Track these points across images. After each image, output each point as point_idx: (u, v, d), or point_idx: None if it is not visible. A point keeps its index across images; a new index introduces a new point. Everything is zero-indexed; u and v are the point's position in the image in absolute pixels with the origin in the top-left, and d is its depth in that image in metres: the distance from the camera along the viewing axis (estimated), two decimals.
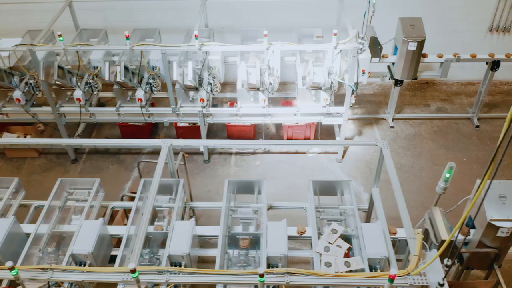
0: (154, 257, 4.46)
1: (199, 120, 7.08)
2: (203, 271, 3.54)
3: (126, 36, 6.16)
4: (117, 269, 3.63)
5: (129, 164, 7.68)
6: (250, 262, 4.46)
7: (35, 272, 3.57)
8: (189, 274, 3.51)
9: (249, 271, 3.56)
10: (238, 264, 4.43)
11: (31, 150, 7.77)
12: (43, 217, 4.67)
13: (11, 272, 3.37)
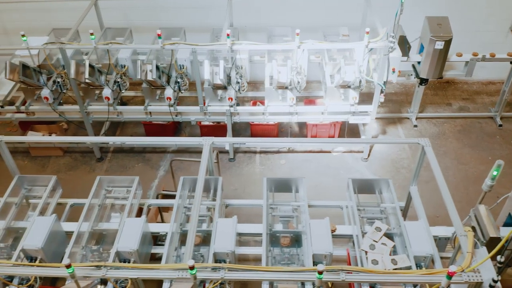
0: (198, 254, 4.47)
1: (226, 119, 7.08)
2: (256, 267, 3.55)
3: (158, 35, 6.17)
4: (173, 265, 3.63)
5: (155, 163, 7.69)
6: (293, 259, 4.47)
7: (89, 269, 3.58)
8: (244, 271, 3.51)
9: (307, 268, 3.56)
10: (282, 262, 4.45)
11: (56, 149, 7.78)
12: (84, 215, 4.67)
13: (68, 270, 3.38)
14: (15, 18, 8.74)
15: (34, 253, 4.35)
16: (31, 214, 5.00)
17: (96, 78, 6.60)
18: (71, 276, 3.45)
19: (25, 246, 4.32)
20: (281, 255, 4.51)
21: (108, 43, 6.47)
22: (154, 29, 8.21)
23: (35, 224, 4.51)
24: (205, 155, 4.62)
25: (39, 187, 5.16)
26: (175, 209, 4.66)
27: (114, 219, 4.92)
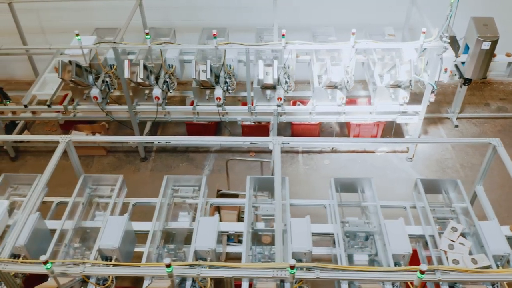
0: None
1: (273, 118, 7.09)
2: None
3: (214, 35, 6.17)
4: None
5: (199, 162, 7.70)
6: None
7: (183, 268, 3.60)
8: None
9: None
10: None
11: (99, 149, 7.79)
12: (157, 215, 4.68)
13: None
14: (52, 17, 8.76)
15: (110, 253, 4.36)
16: (97, 214, 5.01)
17: (147, 78, 6.61)
18: (169, 276, 3.46)
19: (101, 246, 4.33)
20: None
21: (161, 43, 6.47)
22: (194, 29, 8.31)
23: (109, 224, 4.52)
24: (277, 154, 4.63)
25: (104, 186, 5.17)
26: (247, 209, 4.66)
27: (182, 218, 4.93)
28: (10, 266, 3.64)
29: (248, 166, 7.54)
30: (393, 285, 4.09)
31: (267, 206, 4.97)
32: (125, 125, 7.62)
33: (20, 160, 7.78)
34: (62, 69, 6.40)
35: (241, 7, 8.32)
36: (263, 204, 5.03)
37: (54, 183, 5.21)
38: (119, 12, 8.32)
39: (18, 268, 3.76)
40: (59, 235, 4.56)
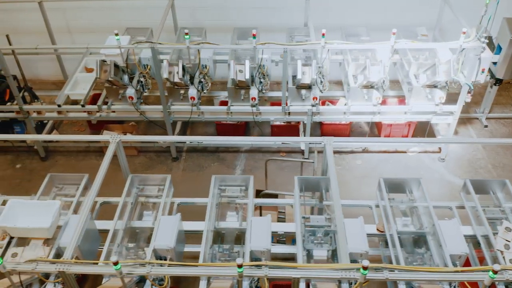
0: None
1: (306, 118, 7.09)
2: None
3: (253, 35, 6.18)
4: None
5: (230, 162, 7.70)
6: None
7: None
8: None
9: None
10: None
11: (131, 149, 7.78)
12: (209, 214, 4.68)
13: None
14: (77, 17, 8.75)
15: (165, 253, 4.36)
16: (146, 214, 5.00)
17: (184, 78, 6.61)
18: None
19: (157, 246, 4.33)
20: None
21: (199, 43, 6.46)
22: (222, 29, 8.33)
23: (162, 224, 4.52)
24: (329, 154, 4.63)
25: (151, 186, 5.17)
26: (297, 209, 4.66)
27: (230, 218, 4.92)
28: (74, 267, 3.63)
29: (278, 166, 7.54)
30: (450, 285, 4.09)
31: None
32: (158, 125, 7.61)
33: (50, 160, 7.77)
34: (100, 69, 6.39)
35: (269, 7, 8.32)
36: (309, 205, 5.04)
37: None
38: (144, 12, 8.43)
39: (82, 269, 3.75)
40: (112, 235, 4.54)
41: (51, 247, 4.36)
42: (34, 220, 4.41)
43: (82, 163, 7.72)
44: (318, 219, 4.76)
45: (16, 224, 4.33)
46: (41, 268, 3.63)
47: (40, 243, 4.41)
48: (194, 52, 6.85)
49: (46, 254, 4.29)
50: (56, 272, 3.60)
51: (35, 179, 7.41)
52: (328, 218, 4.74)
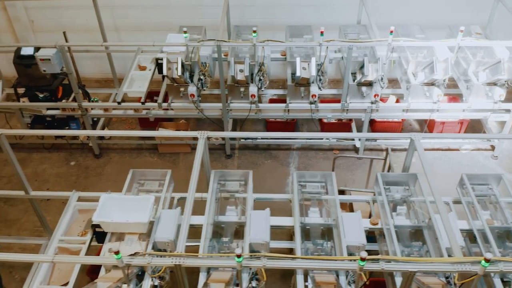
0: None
1: (364, 116, 7.13)
2: None
3: (321, 32, 6.22)
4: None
5: (283, 160, 7.73)
6: None
7: None
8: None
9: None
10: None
11: (185, 146, 7.83)
12: (296, 210, 4.71)
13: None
14: (127, 15, 8.79)
15: (260, 247, 4.40)
16: (229, 209, 5.03)
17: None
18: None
19: (252, 240, 4.37)
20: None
21: (265, 41, 6.50)
22: (272, 27, 8.36)
23: (253, 219, 4.57)
24: (420, 150, 4.67)
25: (232, 181, 5.21)
26: (386, 205, 4.69)
27: (312, 214, 4.95)
28: (189, 260, 3.67)
29: (331, 164, 7.57)
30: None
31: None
32: (215, 122, 7.65)
33: (104, 157, 7.81)
34: (166, 67, 6.44)
35: (319, 5, 8.35)
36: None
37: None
38: (193, 10, 8.48)
39: (197, 262, 3.80)
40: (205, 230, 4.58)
41: (147, 242, 4.40)
42: (128, 215, 4.45)
43: (137, 160, 7.76)
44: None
45: (113, 219, 4.36)
46: (156, 262, 3.67)
47: (135, 238, 4.45)
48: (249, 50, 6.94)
49: (143, 248, 4.32)
50: (172, 265, 3.62)
51: (91, 176, 7.46)
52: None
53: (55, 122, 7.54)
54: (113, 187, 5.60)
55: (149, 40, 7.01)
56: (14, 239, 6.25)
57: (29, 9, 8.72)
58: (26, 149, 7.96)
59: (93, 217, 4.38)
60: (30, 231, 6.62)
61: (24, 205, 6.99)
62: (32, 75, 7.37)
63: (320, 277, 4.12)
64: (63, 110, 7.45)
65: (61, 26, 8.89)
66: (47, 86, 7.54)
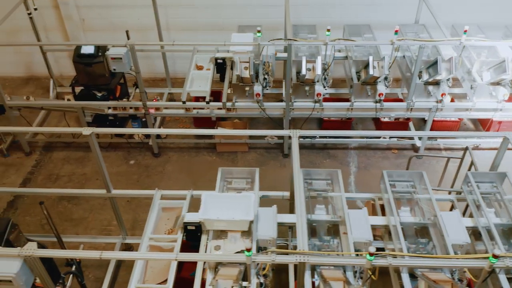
0: None
1: (428, 115, 7.13)
2: None
3: (396, 31, 6.22)
4: None
5: (342, 159, 7.73)
6: None
7: None
8: None
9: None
10: None
11: (242, 145, 7.83)
12: (394, 210, 4.71)
13: None
14: (179, 15, 8.79)
15: (363, 246, 4.41)
16: (318, 207, 5.03)
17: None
18: None
19: (355, 239, 4.37)
20: None
21: (336, 39, 6.51)
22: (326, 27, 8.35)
23: (352, 217, 4.57)
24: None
25: (317, 180, 5.20)
26: (483, 203, 4.68)
27: (403, 213, 4.94)
28: (314, 258, 3.66)
29: (392, 164, 7.60)
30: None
31: None
32: (276, 121, 7.65)
33: (163, 156, 7.81)
34: (240, 66, 6.46)
35: (376, 4, 8.35)
36: None
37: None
38: (245, 9, 8.49)
39: (324, 260, 3.80)
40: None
41: (250, 240, 4.39)
42: (229, 213, 4.44)
43: (196, 159, 7.76)
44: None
45: (219, 216, 4.36)
46: (280, 259, 3.66)
47: (238, 235, 4.44)
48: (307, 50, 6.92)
49: (249, 246, 4.31)
50: (296, 263, 3.62)
51: (153, 175, 7.46)
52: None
53: (117, 121, 7.53)
54: (176, 186, 5.65)
55: (199, 40, 6.99)
56: (87, 238, 6.24)
57: (81, 7, 8.72)
58: (83, 148, 7.97)
59: (199, 214, 4.37)
60: (98, 230, 6.61)
61: (88, 204, 7.00)
62: (91, 74, 7.38)
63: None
64: (123, 109, 7.45)
65: (111, 25, 8.93)
66: (105, 85, 7.55)
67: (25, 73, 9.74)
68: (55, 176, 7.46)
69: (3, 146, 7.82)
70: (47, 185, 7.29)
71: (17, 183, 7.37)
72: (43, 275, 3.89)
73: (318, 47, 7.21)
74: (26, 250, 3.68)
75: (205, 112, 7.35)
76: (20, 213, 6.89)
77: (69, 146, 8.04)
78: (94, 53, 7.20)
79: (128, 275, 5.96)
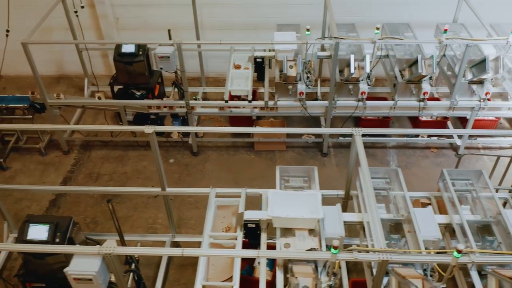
0: None
1: (470, 114, 7.13)
2: None
3: (445, 30, 6.22)
4: None
5: (382, 158, 7.73)
6: None
7: None
8: None
9: None
10: None
11: (280, 144, 7.83)
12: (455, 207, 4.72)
13: None
14: (213, 13, 8.78)
15: (431, 244, 4.41)
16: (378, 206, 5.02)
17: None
18: None
19: (424, 238, 4.37)
20: None
21: (384, 38, 6.52)
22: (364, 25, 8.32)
23: (418, 216, 4.56)
24: None
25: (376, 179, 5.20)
26: None
27: (464, 211, 4.94)
28: (398, 256, 3.66)
29: (432, 163, 7.60)
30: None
31: None
32: (312, 121, 7.65)
33: (202, 155, 7.81)
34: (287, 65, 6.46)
35: (412, 3, 8.34)
36: None
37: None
38: (280, 8, 8.48)
39: (408, 258, 3.82)
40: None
41: (318, 238, 4.39)
42: (295, 211, 4.44)
43: (234, 158, 7.76)
44: None
45: (288, 214, 4.36)
46: (362, 257, 3.65)
47: (306, 233, 4.44)
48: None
49: (317, 244, 4.32)
50: (379, 261, 3.61)
51: (193, 174, 7.46)
52: None
53: (159, 120, 7.53)
54: (218, 184, 5.64)
55: (235, 39, 7.00)
56: (137, 236, 6.20)
57: (115, 6, 8.71)
58: (121, 147, 7.97)
59: (268, 211, 4.38)
60: (144, 228, 6.61)
61: (132, 202, 6.99)
62: (131, 72, 7.38)
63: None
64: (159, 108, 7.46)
65: (144, 24, 8.93)
66: (145, 84, 7.56)
67: (56, 72, 9.74)
68: (95, 175, 7.46)
69: (41, 145, 7.82)
70: (88, 183, 7.29)
71: (57, 182, 7.37)
72: (119, 273, 3.88)
73: (359, 46, 7.18)
74: (106, 248, 3.68)
75: (243, 111, 7.35)
76: (63, 212, 6.89)
77: (107, 145, 8.03)
78: (135, 51, 7.21)
79: (178, 274, 6.07)
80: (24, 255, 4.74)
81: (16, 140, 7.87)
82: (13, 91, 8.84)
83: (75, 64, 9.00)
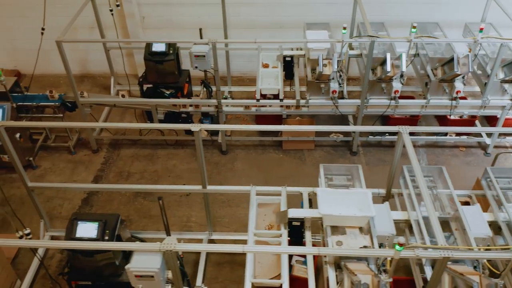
0: None
1: (501, 112, 7.14)
2: None
3: (481, 29, 6.24)
4: None
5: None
6: None
7: None
8: None
9: None
10: None
11: (309, 142, 7.85)
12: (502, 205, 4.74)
13: None
14: (239, 13, 8.79)
15: (482, 242, 4.42)
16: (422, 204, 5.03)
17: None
18: None
19: (474, 235, 4.38)
20: None
21: (419, 37, 6.53)
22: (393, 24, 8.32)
23: (467, 214, 4.58)
24: None
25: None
26: None
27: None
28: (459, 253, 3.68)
29: (462, 162, 7.62)
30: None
31: None
32: (340, 120, 7.67)
33: (231, 154, 7.82)
34: (322, 64, 6.48)
35: (441, 3, 8.35)
36: None
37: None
38: (301, 7, 8.48)
39: (470, 254, 3.86)
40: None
41: (370, 236, 4.41)
42: (345, 209, 4.46)
43: (263, 157, 7.78)
44: None
45: (341, 212, 4.37)
46: (423, 254, 3.67)
47: (357, 231, 4.46)
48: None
49: (369, 242, 4.34)
50: (440, 258, 3.63)
51: (223, 172, 7.48)
52: None
53: (189, 119, 7.55)
54: (249, 182, 5.63)
55: (258, 38, 7.00)
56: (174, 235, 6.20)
57: (142, 5, 8.73)
58: (150, 145, 7.99)
59: (319, 210, 4.40)
60: (178, 226, 6.62)
61: (164, 200, 6.97)
62: (161, 71, 7.41)
63: None
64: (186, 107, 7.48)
65: (171, 23, 8.95)
66: (174, 83, 7.58)
67: (79, 71, 9.74)
68: (126, 173, 7.48)
69: (70, 144, 7.84)
70: (120, 181, 7.31)
71: (88, 180, 7.39)
72: (176, 270, 3.90)
73: (390, 45, 7.19)
74: (166, 245, 3.70)
75: (270, 110, 7.36)
76: (96, 210, 6.90)
77: (135, 143, 8.05)
78: (166, 50, 7.25)
79: (215, 271, 6.09)
80: (72, 253, 4.75)
81: (44, 138, 7.90)
82: (37, 90, 8.84)
83: (100, 63, 9.03)
